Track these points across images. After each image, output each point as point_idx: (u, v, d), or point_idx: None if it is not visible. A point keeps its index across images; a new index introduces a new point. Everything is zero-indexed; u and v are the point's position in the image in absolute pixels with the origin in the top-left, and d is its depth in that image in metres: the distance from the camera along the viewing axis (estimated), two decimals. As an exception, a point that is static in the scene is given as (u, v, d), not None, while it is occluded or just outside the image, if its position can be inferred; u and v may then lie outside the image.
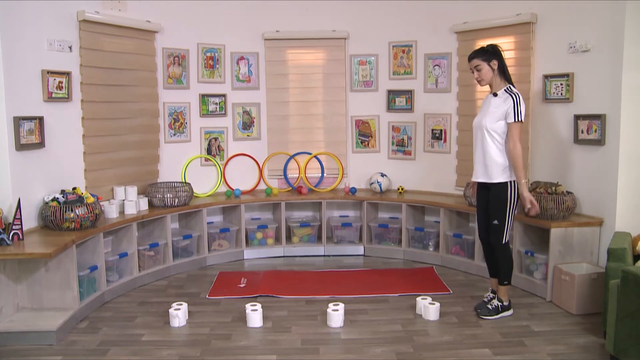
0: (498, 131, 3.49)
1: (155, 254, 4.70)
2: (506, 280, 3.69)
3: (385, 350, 3.24)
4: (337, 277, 4.63)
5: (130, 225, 4.42)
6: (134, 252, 4.43)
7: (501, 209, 3.50)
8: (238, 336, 3.46)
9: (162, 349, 3.30)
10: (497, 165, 3.49)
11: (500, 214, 3.51)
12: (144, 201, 4.72)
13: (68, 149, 4.26)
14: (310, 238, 5.40)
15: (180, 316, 3.65)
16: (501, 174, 3.47)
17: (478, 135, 3.56)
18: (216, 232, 5.15)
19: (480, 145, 3.54)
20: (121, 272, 4.39)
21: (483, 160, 3.54)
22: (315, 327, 3.58)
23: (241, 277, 4.65)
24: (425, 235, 5.09)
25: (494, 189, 3.51)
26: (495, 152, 3.49)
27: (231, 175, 5.52)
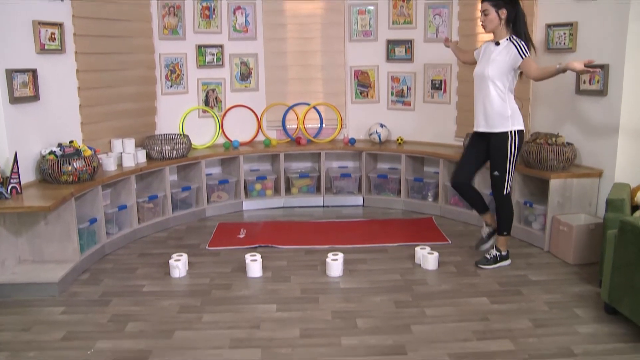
0: (500, 80, 3.41)
1: (155, 206, 4.68)
2: (505, 231, 3.66)
3: (384, 299, 3.26)
4: (336, 227, 4.64)
5: (129, 177, 4.38)
6: (133, 205, 4.41)
7: (502, 160, 3.45)
8: (238, 286, 3.48)
9: (163, 299, 3.32)
10: (498, 114, 3.42)
11: (501, 165, 3.46)
12: (142, 153, 4.67)
13: (63, 102, 4.16)
14: (309, 189, 5.42)
15: (181, 267, 3.65)
16: (502, 123, 3.41)
17: (479, 85, 3.48)
18: (215, 184, 5.15)
19: (481, 94, 3.47)
20: (121, 225, 4.37)
21: (484, 110, 3.47)
22: (314, 277, 3.60)
23: (240, 228, 4.66)
24: (425, 186, 5.09)
25: (495, 139, 3.45)
26: (496, 101, 3.41)
27: (229, 126, 5.50)
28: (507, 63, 3.38)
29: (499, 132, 3.41)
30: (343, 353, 2.70)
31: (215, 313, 3.13)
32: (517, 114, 3.43)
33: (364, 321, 3.02)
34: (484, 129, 3.49)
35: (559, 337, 2.85)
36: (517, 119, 3.42)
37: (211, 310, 3.16)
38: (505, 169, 3.45)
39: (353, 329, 2.94)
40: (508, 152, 3.41)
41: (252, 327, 2.96)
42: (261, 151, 5.24)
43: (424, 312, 3.11)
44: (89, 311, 3.20)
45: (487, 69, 3.43)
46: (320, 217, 4.99)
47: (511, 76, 3.40)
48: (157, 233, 4.60)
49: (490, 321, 3.00)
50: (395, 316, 3.07)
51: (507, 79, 3.39)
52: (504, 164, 3.44)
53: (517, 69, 3.39)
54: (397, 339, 2.83)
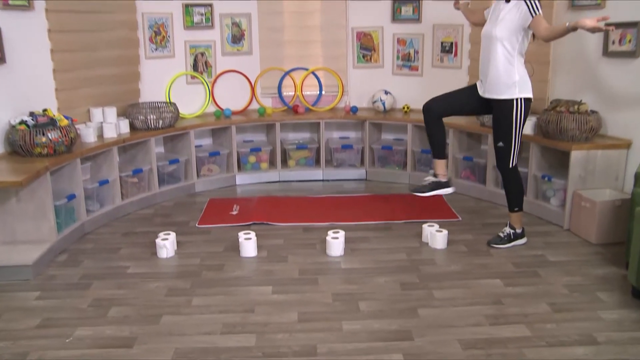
0: (509, 41, 3.35)
1: (139, 181, 4.65)
2: (517, 207, 3.64)
3: (389, 280, 3.27)
4: (336, 203, 4.63)
5: (110, 149, 4.34)
6: (115, 179, 4.38)
7: (507, 130, 3.42)
8: (231, 266, 3.48)
9: (150, 281, 3.31)
10: (505, 79, 3.38)
11: (506, 135, 3.43)
12: (125, 123, 4.63)
13: (34, 66, 4.07)
14: (307, 161, 5.40)
15: (168, 246, 3.64)
16: (508, 89, 3.37)
17: (486, 46, 3.44)
18: (205, 156, 5.13)
19: (488, 56, 3.43)
20: (102, 201, 4.35)
21: (489, 74, 3.44)
22: (313, 257, 3.60)
23: (233, 203, 4.66)
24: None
25: (499, 107, 3.42)
26: (503, 65, 3.37)
27: (220, 94, 5.46)
28: (516, 22, 3.33)
29: (504, 99, 3.38)
30: (344, 338, 2.71)
31: (206, 296, 3.12)
32: (525, 81, 3.39)
33: (367, 304, 3.02)
34: (488, 94, 3.46)
35: (579, 323, 2.84)
36: (525, 86, 3.39)
37: (202, 293, 3.16)
38: (511, 140, 3.43)
39: (355, 312, 2.94)
40: (513, 121, 3.39)
41: (246, 311, 2.96)
42: (255, 120, 5.22)
43: (432, 294, 3.11)
44: (67, 296, 3.17)
45: (495, 28, 3.38)
46: (319, 192, 4.98)
47: (521, 37, 3.34)
48: (142, 210, 4.58)
49: (504, 305, 3.00)
50: (400, 299, 3.07)
51: (517, 40, 3.34)
52: (509, 134, 3.41)
53: (527, 28, 3.33)
54: (402, 323, 2.83)
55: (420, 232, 3.90)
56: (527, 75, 3.41)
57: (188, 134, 4.92)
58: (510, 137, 3.41)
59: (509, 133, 3.41)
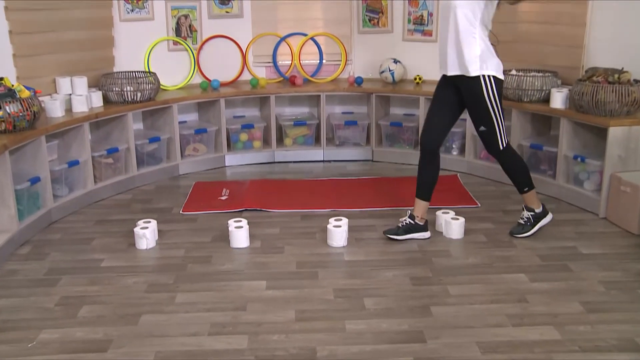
0: (471, 9, 3.30)
1: (115, 162, 4.63)
2: (526, 187, 3.65)
3: (398, 274, 3.28)
4: (339, 187, 4.64)
5: (81, 126, 4.30)
6: (87, 160, 4.35)
7: (483, 112, 3.42)
8: (220, 259, 3.50)
9: (127, 276, 3.32)
10: (465, 53, 3.34)
11: (484, 118, 3.44)
12: (97, 96, 4.62)
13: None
14: (306, 140, 5.40)
15: (149, 236, 3.64)
16: (470, 65, 3.35)
17: (444, 16, 3.42)
18: (190, 134, 5.12)
19: (447, 28, 3.40)
20: (72, 185, 4.33)
21: (448, 48, 3.41)
22: (313, 247, 3.62)
23: (222, 187, 4.66)
24: (449, 136, 5.04)
25: (466, 87, 3.42)
26: (463, 37, 3.33)
27: (207, 62, 5.45)
28: None
29: (468, 77, 3.38)
30: (347, 340, 2.72)
31: (191, 292, 3.13)
32: (489, 55, 3.36)
33: (374, 301, 3.02)
34: (452, 71, 3.44)
35: (618, 326, 2.82)
36: (489, 61, 3.36)
37: (187, 289, 3.16)
38: (492, 121, 3.44)
39: (360, 310, 2.95)
40: (486, 100, 3.38)
41: (237, 309, 2.97)
42: (247, 93, 5.21)
43: (446, 290, 3.12)
44: (30, 294, 3.15)
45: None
46: (319, 174, 4.99)
47: (483, 4, 3.32)
48: (118, 195, 4.58)
49: (529, 303, 2.99)
50: (411, 295, 3.08)
51: (479, 7, 3.31)
52: (487, 116, 3.42)
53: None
54: (413, 323, 2.84)
55: (433, 220, 3.89)
56: (492, 49, 3.39)
57: (170, 109, 4.90)
58: (489, 118, 3.42)
59: (487, 114, 3.41)
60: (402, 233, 3.68)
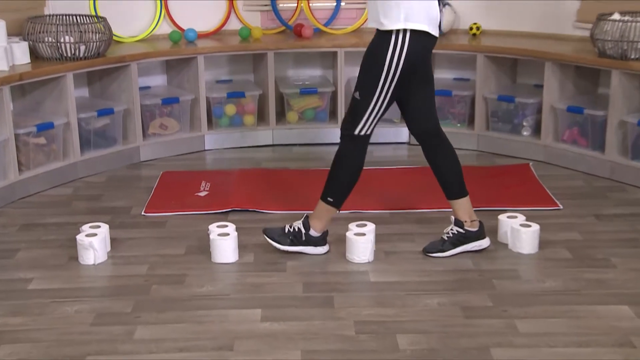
0: None
1: (49, 142, 4.64)
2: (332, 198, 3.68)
3: (444, 302, 3.29)
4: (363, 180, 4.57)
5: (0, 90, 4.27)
6: (8, 140, 4.34)
7: (370, 78, 3.48)
8: (197, 278, 3.52)
9: (66, 302, 3.30)
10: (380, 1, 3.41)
11: (366, 85, 3.51)
12: (22, 48, 4.62)
13: None
14: (317, 114, 5.42)
15: (97, 247, 3.64)
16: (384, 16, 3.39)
17: None
18: (156, 105, 5.16)
19: None
20: None
21: None
22: (326, 263, 3.65)
23: (200, 179, 4.68)
24: (517, 110, 5.06)
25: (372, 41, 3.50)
26: None
27: (179, 5, 5.47)
28: None
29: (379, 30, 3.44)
30: None
31: (157, 325, 3.13)
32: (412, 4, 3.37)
33: (410, 339, 3.01)
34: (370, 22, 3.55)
35: None
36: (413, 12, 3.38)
37: (151, 321, 3.16)
38: (371, 95, 3.49)
39: (391, 352, 2.94)
40: (385, 65, 3.42)
41: (221, 348, 2.97)
42: (235, 49, 5.24)
43: (513, 326, 3.10)
44: None
45: None
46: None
47: None
48: (53, 189, 4.59)
49: (637, 349, 2.94)
50: (463, 332, 3.06)
51: None
52: (370, 85, 3.49)
53: None
54: None
55: (495, 227, 3.89)
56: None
57: (128, 69, 4.91)
58: (371, 90, 3.49)
59: (372, 83, 3.47)
60: (449, 247, 3.69)
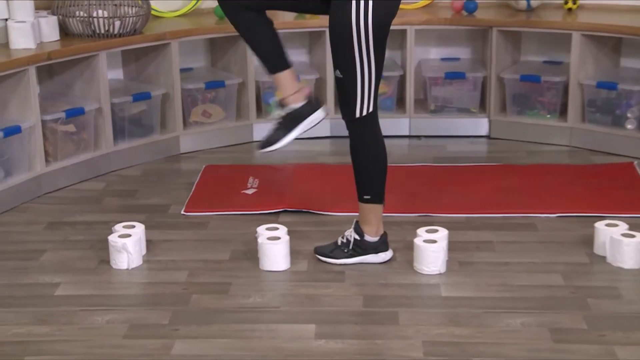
0: None
1: (79, 130, 4.68)
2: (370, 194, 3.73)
3: (529, 322, 3.27)
4: (434, 178, 4.68)
5: (25, 71, 4.35)
6: (34, 127, 4.40)
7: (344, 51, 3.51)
8: (243, 288, 3.54)
9: (97, 312, 3.33)
10: None
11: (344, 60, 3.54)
12: (51, 24, 4.67)
13: None
14: (382, 102, 5.36)
15: (131, 249, 3.67)
16: None
17: None
18: (199, 89, 5.21)
19: None
20: (9, 166, 4.40)
21: None
22: (391, 274, 3.66)
23: (248, 175, 4.73)
24: (620, 99, 5.03)
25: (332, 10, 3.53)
26: None
27: None
28: None
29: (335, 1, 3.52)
30: None
31: (197, 339, 3.16)
32: None
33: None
34: None
35: None
36: None
37: (190, 334, 3.19)
38: (354, 68, 3.52)
39: None
40: (353, 35, 3.46)
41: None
42: (289, 25, 5.26)
43: (612, 353, 3.05)
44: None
45: None
46: (403, 157, 5.03)
47: None
48: (83, 183, 4.64)
49: None
50: (552, 358, 3.05)
51: None
52: (349, 59, 3.52)
53: None
54: None
55: (590, 237, 3.86)
56: None
57: (167, 49, 4.96)
58: (351, 64, 3.52)
59: (349, 56, 3.51)
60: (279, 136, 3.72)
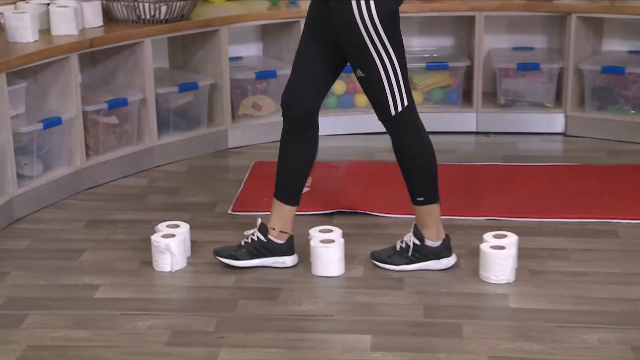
0: None
1: (122, 122, 4.73)
2: (423, 196, 3.74)
3: (607, 339, 3.24)
4: (504, 179, 4.70)
5: (66, 59, 4.40)
6: (75, 118, 4.44)
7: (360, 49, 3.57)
8: (294, 294, 3.57)
9: (138, 316, 3.38)
10: None
11: (363, 58, 3.59)
12: (95, 9, 4.73)
13: None
14: (447, 95, 5.47)
15: (175, 250, 3.72)
16: None
17: None
18: (249, 80, 5.27)
19: None
20: (49, 159, 4.45)
21: None
22: (454, 282, 3.67)
23: None
24: None
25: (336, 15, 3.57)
26: None
27: None
28: None
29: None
30: None
31: (244, 348, 3.18)
32: None
33: None
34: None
35: None
36: None
37: (236, 343, 3.21)
38: (375, 65, 3.57)
39: None
40: (362, 32, 3.52)
41: None
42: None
43: None
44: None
45: None
46: (469, 155, 5.11)
47: None
48: (125, 178, 4.71)
49: None
50: None
51: None
52: (367, 56, 3.57)
53: None
54: None
55: None
56: None
57: (216, 35, 5.01)
58: (370, 60, 3.57)
59: (365, 53, 3.56)
60: (241, 257, 3.72)
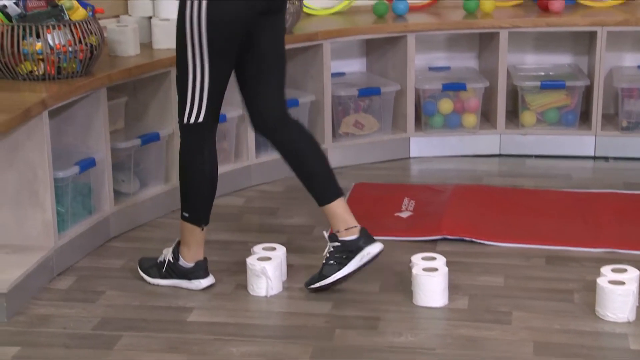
0: None
1: (219, 139, 4.68)
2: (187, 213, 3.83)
3: None
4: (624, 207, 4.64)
5: (166, 73, 4.49)
6: (173, 134, 4.53)
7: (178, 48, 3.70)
8: (394, 324, 3.55)
9: (231, 342, 3.40)
10: None
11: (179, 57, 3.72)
12: None
13: None
14: (563, 116, 5.44)
15: (271, 274, 3.76)
16: None
17: None
18: (351, 97, 5.31)
19: None
20: (146, 176, 4.56)
21: None
22: (567, 318, 3.62)
23: (403, 196, 4.80)
24: None
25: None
26: None
27: None
28: None
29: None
30: None
31: None
32: None
33: None
34: None
35: None
36: None
37: None
38: (186, 68, 3.68)
39: None
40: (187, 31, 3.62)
41: None
42: (457, 26, 5.32)
43: None
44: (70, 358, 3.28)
45: None
46: (585, 181, 5.09)
47: None
48: (221, 198, 4.68)
49: None
50: None
51: None
52: (182, 57, 3.69)
53: None
54: None
55: None
56: None
57: (318, 50, 5.07)
58: (184, 63, 3.68)
59: (182, 55, 3.67)
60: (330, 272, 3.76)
